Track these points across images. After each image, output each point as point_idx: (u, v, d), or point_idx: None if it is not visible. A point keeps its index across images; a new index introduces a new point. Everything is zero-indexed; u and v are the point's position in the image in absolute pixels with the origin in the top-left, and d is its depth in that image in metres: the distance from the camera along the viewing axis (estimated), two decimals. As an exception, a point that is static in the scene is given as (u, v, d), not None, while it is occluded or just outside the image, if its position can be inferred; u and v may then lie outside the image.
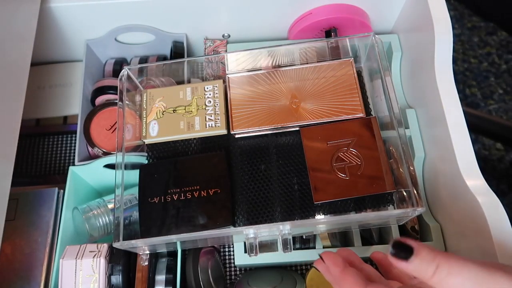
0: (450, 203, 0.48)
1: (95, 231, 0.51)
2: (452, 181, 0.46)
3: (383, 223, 0.47)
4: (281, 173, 0.45)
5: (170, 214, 0.44)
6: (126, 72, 0.50)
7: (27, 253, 0.49)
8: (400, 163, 0.42)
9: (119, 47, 0.65)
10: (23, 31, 0.50)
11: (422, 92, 0.53)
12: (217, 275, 0.54)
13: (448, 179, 0.47)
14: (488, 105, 1.15)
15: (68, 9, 0.57)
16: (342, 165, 0.44)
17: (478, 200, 0.42)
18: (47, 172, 0.64)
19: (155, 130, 0.49)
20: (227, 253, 0.59)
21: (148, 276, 0.48)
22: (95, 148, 0.55)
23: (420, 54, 0.53)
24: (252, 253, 0.42)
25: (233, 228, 0.43)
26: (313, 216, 0.44)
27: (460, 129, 0.46)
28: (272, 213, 0.44)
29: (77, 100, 0.63)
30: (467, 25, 1.26)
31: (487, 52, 1.22)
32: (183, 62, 0.57)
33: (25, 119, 0.58)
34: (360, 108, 0.46)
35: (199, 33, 0.64)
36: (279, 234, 0.43)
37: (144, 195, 0.45)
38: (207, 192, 0.44)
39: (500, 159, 1.08)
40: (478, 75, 1.19)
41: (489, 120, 0.98)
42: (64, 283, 0.45)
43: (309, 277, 0.51)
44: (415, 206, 0.39)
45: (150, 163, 0.48)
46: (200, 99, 0.49)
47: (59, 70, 0.67)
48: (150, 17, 0.60)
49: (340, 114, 0.46)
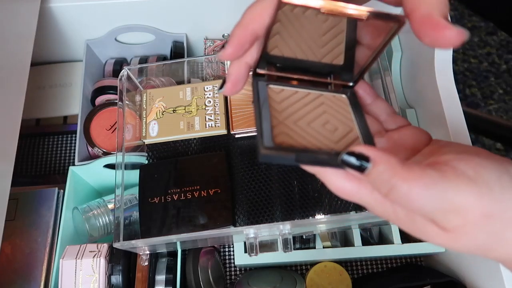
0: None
1: (95, 231, 0.51)
2: (452, 181, 0.46)
3: (383, 222, 0.47)
4: (281, 173, 0.45)
5: (170, 214, 0.44)
6: (126, 72, 0.50)
7: (27, 253, 0.49)
8: None
9: (119, 47, 0.65)
10: (23, 31, 0.50)
11: (422, 92, 0.53)
12: (217, 275, 0.54)
13: (448, 179, 0.47)
14: (488, 105, 1.15)
15: (68, 9, 0.57)
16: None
17: (478, 200, 0.41)
18: (47, 172, 0.64)
19: (155, 130, 0.49)
20: (227, 253, 0.59)
21: (148, 276, 0.48)
22: (95, 148, 0.55)
23: (420, 54, 0.53)
24: (253, 253, 0.42)
25: (233, 228, 0.43)
26: (313, 216, 0.44)
27: (460, 129, 0.46)
28: (272, 213, 0.44)
29: (77, 100, 0.63)
30: (467, 25, 1.26)
31: (487, 52, 1.22)
32: (183, 62, 0.57)
33: (25, 119, 0.58)
34: None
35: (199, 33, 0.64)
36: (279, 234, 0.43)
37: (144, 195, 0.45)
38: (207, 192, 0.44)
39: (500, 159, 1.07)
40: (478, 75, 1.19)
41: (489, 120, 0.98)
42: (64, 283, 0.45)
43: (309, 277, 0.51)
44: None
45: (150, 163, 0.48)
46: (200, 99, 0.49)
47: (59, 70, 0.67)
48: (150, 17, 0.60)
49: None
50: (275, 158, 0.26)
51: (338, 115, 0.31)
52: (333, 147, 0.28)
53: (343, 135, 0.29)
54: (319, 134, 0.29)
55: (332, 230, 0.49)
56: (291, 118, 0.30)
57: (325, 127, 0.30)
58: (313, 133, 0.29)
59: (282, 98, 0.32)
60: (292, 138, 0.28)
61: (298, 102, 0.31)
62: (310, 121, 0.30)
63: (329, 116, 0.31)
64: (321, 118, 0.30)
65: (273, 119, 0.29)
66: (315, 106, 0.31)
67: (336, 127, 0.30)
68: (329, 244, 0.50)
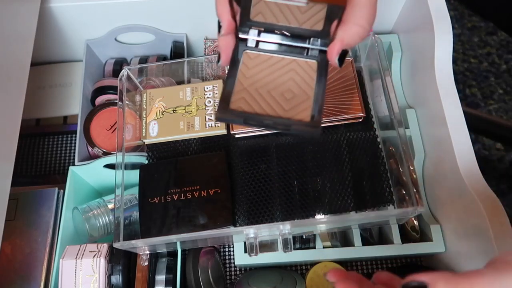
0: (450, 203, 0.48)
1: (95, 231, 0.51)
2: (452, 181, 0.46)
3: (383, 222, 0.47)
4: (281, 173, 0.45)
5: (170, 214, 0.44)
6: (126, 72, 0.50)
7: (27, 253, 0.49)
8: (400, 163, 0.42)
9: (119, 47, 0.65)
10: (23, 31, 0.50)
11: (422, 92, 0.53)
12: (217, 275, 0.54)
13: (448, 179, 0.47)
14: (488, 105, 1.15)
15: (68, 9, 0.57)
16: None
17: (478, 200, 0.42)
18: (47, 172, 0.64)
19: (155, 130, 0.49)
20: (227, 253, 0.59)
21: (148, 276, 0.48)
22: (95, 148, 0.55)
23: (420, 54, 0.53)
24: (253, 253, 0.42)
25: (233, 228, 0.43)
26: (313, 216, 0.44)
27: (460, 129, 0.46)
28: (272, 212, 0.44)
29: (77, 100, 0.63)
30: (467, 25, 1.26)
31: (487, 52, 1.22)
32: (183, 62, 0.57)
33: (25, 119, 0.58)
34: (360, 107, 0.46)
35: (199, 33, 0.64)
36: (279, 234, 0.43)
37: (144, 195, 0.45)
38: (207, 192, 0.44)
39: (500, 159, 1.08)
40: (478, 75, 1.19)
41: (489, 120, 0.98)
42: (64, 283, 0.45)
43: (309, 277, 0.51)
44: (415, 206, 0.39)
45: (150, 163, 0.48)
46: (200, 99, 0.49)
47: (59, 70, 0.67)
48: (150, 17, 0.60)
49: (340, 113, 0.46)
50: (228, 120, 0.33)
51: (302, 83, 0.35)
52: (281, 114, 0.32)
53: (298, 103, 0.33)
54: (274, 101, 0.33)
55: (332, 230, 0.49)
56: (255, 85, 0.34)
57: (284, 95, 0.34)
58: (269, 100, 0.33)
59: (255, 63, 0.36)
60: (248, 104, 0.33)
61: (269, 68, 0.35)
62: (271, 89, 0.34)
63: (293, 83, 0.35)
64: (284, 86, 0.34)
65: (238, 85, 0.34)
66: (284, 72, 0.35)
67: (294, 95, 0.34)
68: (329, 244, 0.50)
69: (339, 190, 0.44)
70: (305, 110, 0.33)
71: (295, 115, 0.32)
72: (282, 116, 0.32)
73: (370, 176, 0.45)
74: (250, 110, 0.33)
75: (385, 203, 0.44)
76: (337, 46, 0.33)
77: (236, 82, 0.34)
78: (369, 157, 0.46)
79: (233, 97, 0.33)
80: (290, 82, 0.35)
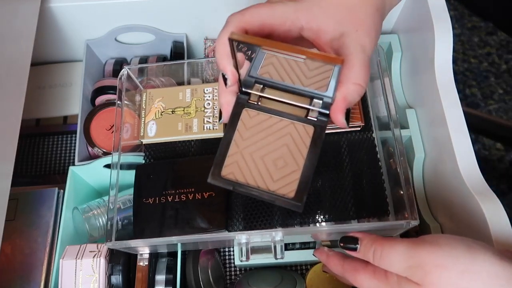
0: (450, 203, 0.48)
1: (95, 231, 0.51)
2: (452, 181, 0.46)
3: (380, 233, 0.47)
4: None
5: (164, 216, 0.43)
6: (126, 72, 0.50)
7: (27, 253, 0.49)
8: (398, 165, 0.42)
9: (119, 47, 0.65)
10: (23, 31, 0.50)
11: (422, 92, 0.53)
12: (217, 275, 0.54)
13: (448, 179, 0.47)
14: (488, 105, 1.15)
15: (68, 9, 0.57)
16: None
17: (478, 200, 0.41)
18: (47, 172, 0.64)
19: (153, 131, 0.49)
20: (227, 253, 0.59)
21: (148, 276, 0.48)
22: (95, 148, 0.55)
23: (420, 54, 0.53)
24: (243, 258, 0.42)
25: (225, 233, 0.43)
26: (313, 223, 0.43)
27: (460, 129, 0.46)
28: (269, 218, 0.44)
29: (77, 100, 0.63)
30: (467, 25, 1.26)
31: (487, 52, 1.22)
32: (183, 63, 0.57)
33: (25, 119, 0.58)
34: (359, 116, 0.47)
35: (199, 33, 0.64)
36: (271, 240, 0.42)
37: (139, 195, 0.45)
38: (201, 195, 0.44)
39: (500, 159, 1.08)
40: (478, 75, 1.19)
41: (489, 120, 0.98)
42: (64, 283, 0.45)
43: (309, 277, 0.51)
44: (409, 219, 0.39)
45: (146, 163, 0.48)
46: (199, 101, 0.49)
47: (59, 70, 0.67)
48: (150, 17, 0.60)
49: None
50: (219, 185, 0.34)
51: (295, 151, 0.35)
52: (268, 186, 0.34)
53: (286, 174, 0.34)
54: (265, 170, 0.34)
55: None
56: (249, 148, 0.35)
57: (275, 163, 0.35)
58: (261, 168, 0.34)
59: (253, 123, 0.36)
60: (240, 171, 0.34)
61: (266, 130, 0.36)
62: (264, 155, 0.35)
63: (286, 150, 0.35)
64: (277, 152, 0.35)
65: (233, 147, 0.35)
66: (279, 136, 0.36)
67: (285, 164, 0.35)
68: (328, 244, 0.50)
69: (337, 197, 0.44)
70: (292, 183, 0.34)
71: (281, 188, 0.34)
72: (269, 188, 0.34)
73: (368, 185, 0.45)
74: (241, 179, 0.34)
75: (383, 214, 0.44)
76: (341, 105, 0.33)
77: (232, 144, 0.35)
78: (366, 166, 0.46)
79: (227, 161, 0.34)
80: (283, 149, 0.35)
